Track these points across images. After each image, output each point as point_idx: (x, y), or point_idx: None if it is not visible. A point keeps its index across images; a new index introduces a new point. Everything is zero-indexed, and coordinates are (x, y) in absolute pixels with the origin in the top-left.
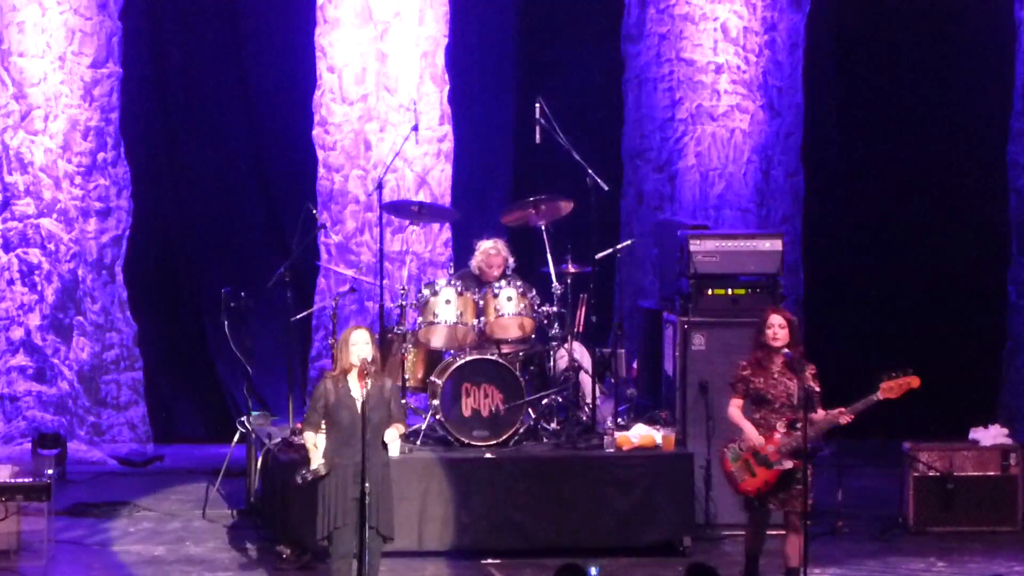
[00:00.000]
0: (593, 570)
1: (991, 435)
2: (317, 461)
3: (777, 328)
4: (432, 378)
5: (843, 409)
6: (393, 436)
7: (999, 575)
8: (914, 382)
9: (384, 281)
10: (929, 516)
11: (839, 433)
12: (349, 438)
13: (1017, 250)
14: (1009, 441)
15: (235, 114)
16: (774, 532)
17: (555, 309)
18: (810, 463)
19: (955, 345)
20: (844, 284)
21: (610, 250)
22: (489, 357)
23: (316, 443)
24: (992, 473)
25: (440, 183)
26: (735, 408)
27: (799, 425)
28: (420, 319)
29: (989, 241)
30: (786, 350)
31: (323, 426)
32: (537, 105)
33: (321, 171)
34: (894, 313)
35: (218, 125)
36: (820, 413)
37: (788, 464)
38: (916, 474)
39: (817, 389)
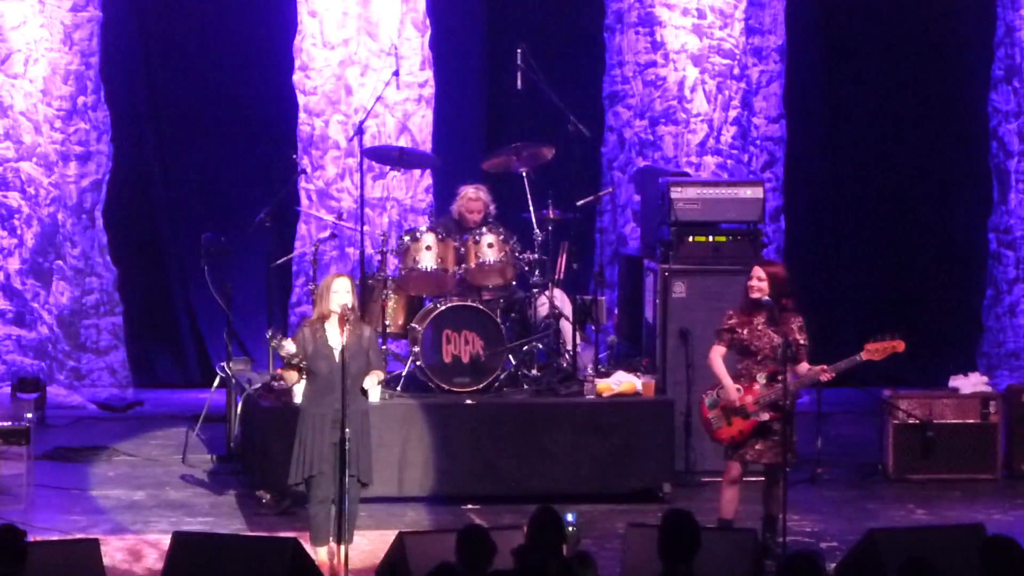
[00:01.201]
0: (570, 516)
1: (971, 383)
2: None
3: (756, 280)
4: (413, 324)
5: (825, 367)
6: (372, 383)
7: (978, 522)
8: (899, 346)
9: (365, 227)
10: (908, 464)
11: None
12: (328, 386)
13: (998, 198)
14: (989, 389)
15: (216, 58)
16: (753, 479)
17: (536, 256)
18: (789, 418)
19: (936, 293)
20: (826, 231)
21: (591, 197)
22: (470, 304)
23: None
24: (972, 421)
25: (421, 129)
26: (717, 356)
27: (780, 378)
28: (401, 265)
29: (971, 189)
30: (766, 298)
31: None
32: (519, 51)
33: (302, 116)
34: (876, 261)
35: (199, 69)
36: (804, 366)
37: (765, 416)
38: (896, 422)
39: (803, 342)
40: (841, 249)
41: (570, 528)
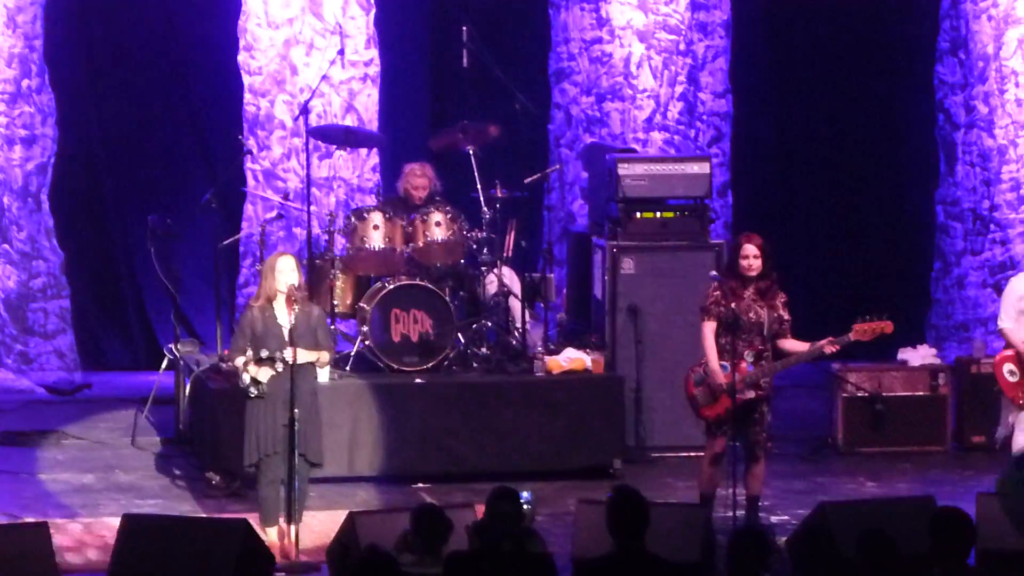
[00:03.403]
0: (525, 494)
1: (920, 355)
2: (252, 373)
3: (752, 259)
4: (361, 304)
5: (832, 338)
6: (325, 359)
7: (928, 495)
8: (887, 327)
9: (312, 207)
10: (858, 437)
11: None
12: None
13: (945, 170)
14: (938, 361)
15: (160, 39)
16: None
17: (484, 234)
18: (767, 399)
19: (884, 266)
20: (774, 206)
21: (538, 175)
22: (418, 283)
23: (245, 362)
24: (921, 393)
25: (367, 108)
26: (710, 333)
27: (766, 355)
28: (348, 245)
29: (919, 161)
30: (713, 272)
31: (249, 352)
32: (464, 29)
33: (247, 96)
34: (824, 235)
35: (143, 50)
36: (789, 342)
37: (750, 394)
38: (845, 395)
39: (787, 318)
40: (789, 224)
41: (525, 506)
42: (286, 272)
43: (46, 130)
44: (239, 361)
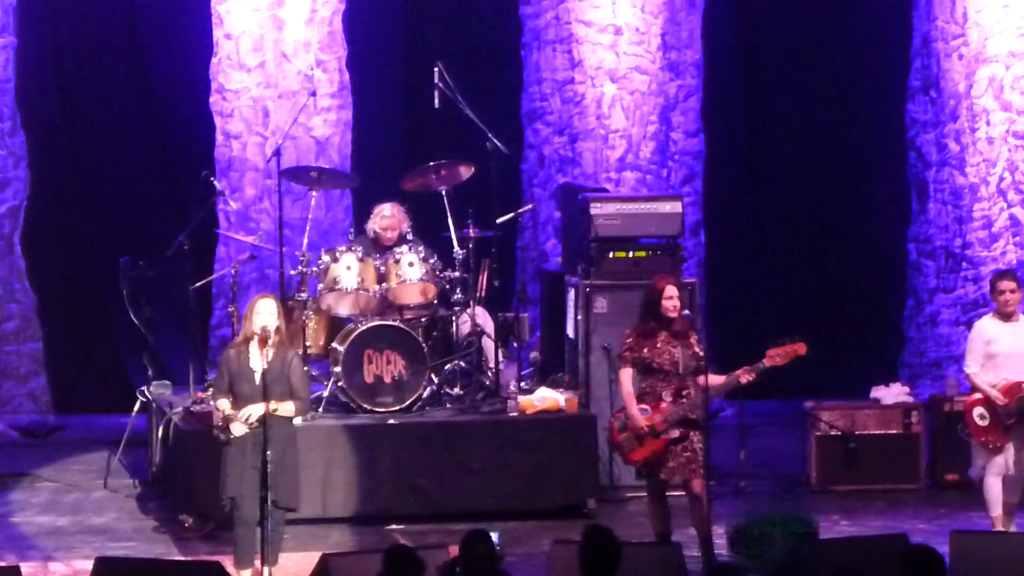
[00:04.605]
0: (494, 535)
1: (893, 394)
2: (228, 421)
3: (676, 299)
4: (334, 345)
5: (747, 368)
6: (287, 410)
7: (901, 532)
8: (800, 349)
9: (284, 248)
10: (832, 475)
11: (742, 394)
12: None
13: (917, 208)
14: (911, 399)
15: (132, 82)
16: (678, 493)
17: (457, 274)
18: (698, 431)
19: (857, 304)
20: (746, 245)
21: (511, 214)
22: (391, 323)
23: (226, 407)
24: (894, 431)
25: (339, 149)
26: (627, 380)
27: (685, 393)
28: (321, 286)
29: (890, 199)
30: (686, 311)
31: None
32: (436, 69)
33: (219, 138)
34: (796, 273)
35: (115, 94)
36: (711, 376)
37: (675, 433)
38: (818, 433)
39: (702, 354)
40: (761, 262)
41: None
42: (263, 314)
43: (18, 172)
44: (221, 403)
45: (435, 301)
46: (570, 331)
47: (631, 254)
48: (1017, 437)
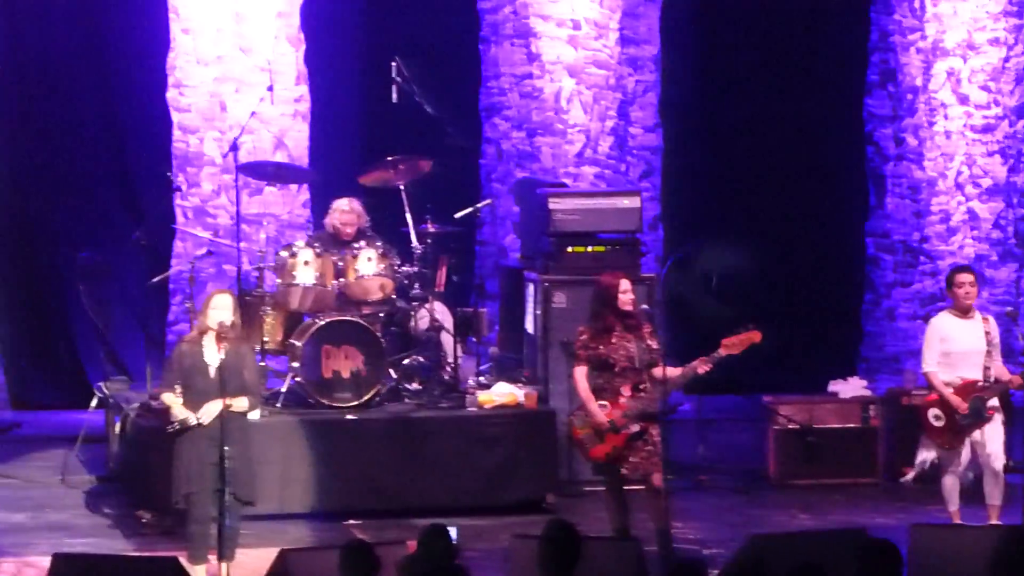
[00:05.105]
0: (452, 531)
1: (851, 387)
2: (182, 413)
3: (631, 293)
4: (292, 340)
5: (704, 358)
6: (242, 406)
7: (860, 526)
8: (755, 337)
9: (242, 244)
10: (791, 469)
11: (700, 388)
12: (204, 402)
13: (875, 202)
14: (869, 393)
15: (89, 77)
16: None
17: (416, 269)
18: (657, 424)
19: (815, 298)
20: (704, 240)
21: (470, 209)
22: (349, 318)
23: (175, 400)
24: (852, 425)
25: (297, 144)
26: (582, 378)
27: (643, 387)
28: (279, 281)
29: (849, 194)
30: (644, 306)
31: (178, 388)
32: (394, 64)
33: (176, 133)
34: (754, 268)
35: (72, 88)
36: (661, 370)
37: (635, 427)
38: (777, 427)
39: (656, 347)
40: (719, 257)
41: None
42: (219, 309)
43: None
44: (166, 397)
45: (393, 296)
46: (529, 326)
47: (590, 249)
48: (971, 437)
